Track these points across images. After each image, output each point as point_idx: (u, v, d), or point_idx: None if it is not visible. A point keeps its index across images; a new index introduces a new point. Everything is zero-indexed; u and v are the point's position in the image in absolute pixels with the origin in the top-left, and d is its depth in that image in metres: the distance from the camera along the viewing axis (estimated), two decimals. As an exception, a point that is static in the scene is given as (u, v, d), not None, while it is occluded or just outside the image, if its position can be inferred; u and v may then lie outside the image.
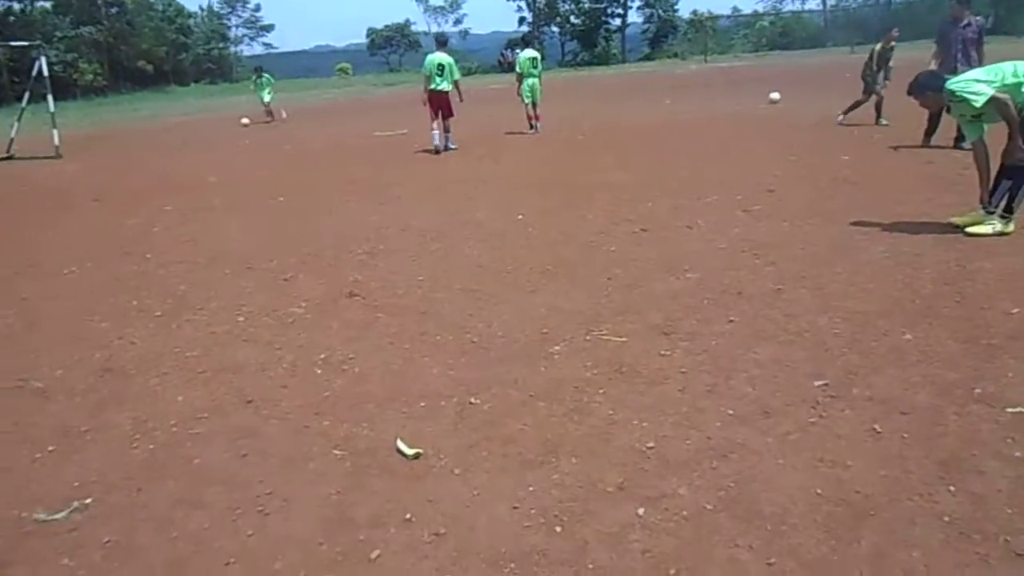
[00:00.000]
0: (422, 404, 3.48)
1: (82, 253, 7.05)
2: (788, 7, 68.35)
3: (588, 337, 4.15)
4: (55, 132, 16.64)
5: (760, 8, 68.96)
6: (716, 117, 15.93)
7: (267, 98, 23.70)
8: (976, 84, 5.37)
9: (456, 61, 13.25)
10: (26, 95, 17.70)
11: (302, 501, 2.80)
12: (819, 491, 2.60)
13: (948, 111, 5.97)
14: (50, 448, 3.34)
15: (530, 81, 14.61)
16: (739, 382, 3.47)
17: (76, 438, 3.42)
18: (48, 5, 48.72)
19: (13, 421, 3.63)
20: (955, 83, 5.51)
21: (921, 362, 3.55)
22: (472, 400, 3.48)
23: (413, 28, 67.97)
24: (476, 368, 3.86)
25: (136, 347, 4.52)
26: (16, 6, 46.09)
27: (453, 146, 12.75)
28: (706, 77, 33.14)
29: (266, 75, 24.19)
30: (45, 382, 4.08)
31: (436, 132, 12.61)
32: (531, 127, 14.81)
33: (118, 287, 5.85)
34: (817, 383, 3.40)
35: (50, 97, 16.84)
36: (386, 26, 67.72)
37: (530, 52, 14.93)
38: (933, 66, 8.96)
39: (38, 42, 19.49)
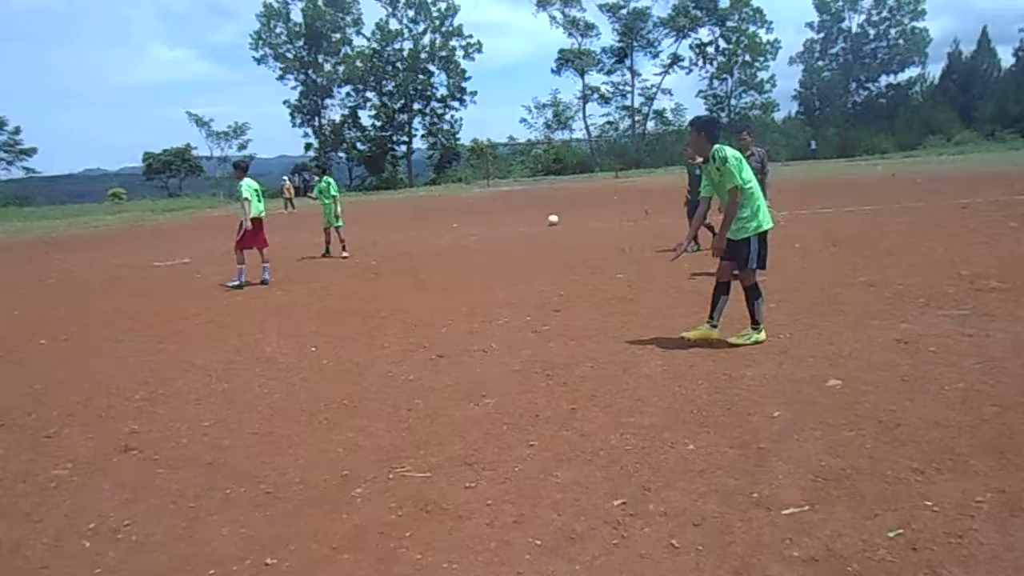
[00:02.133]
0: (211, 572, 3.17)
1: None
2: (558, 136, 74.37)
3: (391, 476, 4.04)
4: None
5: (533, 137, 74.34)
6: (501, 239, 16.74)
7: None
8: (740, 169, 6.03)
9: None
10: None
11: None
12: (628, 617, 2.65)
13: (699, 162, 6.50)
14: None
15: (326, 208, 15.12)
16: (543, 509, 3.51)
17: None
18: None
19: None
20: (731, 153, 6.08)
21: (705, 471, 3.81)
22: (269, 560, 3.22)
23: (195, 153, 65.93)
24: (272, 523, 3.60)
25: None
26: None
27: (269, 277, 11.81)
28: (489, 201, 34.93)
29: None
30: None
31: (243, 268, 11.60)
32: (327, 251, 15.13)
33: None
34: (616, 502, 3.52)
35: None
36: (164, 150, 65.10)
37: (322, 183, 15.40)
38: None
39: None
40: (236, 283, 11.53)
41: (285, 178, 40.80)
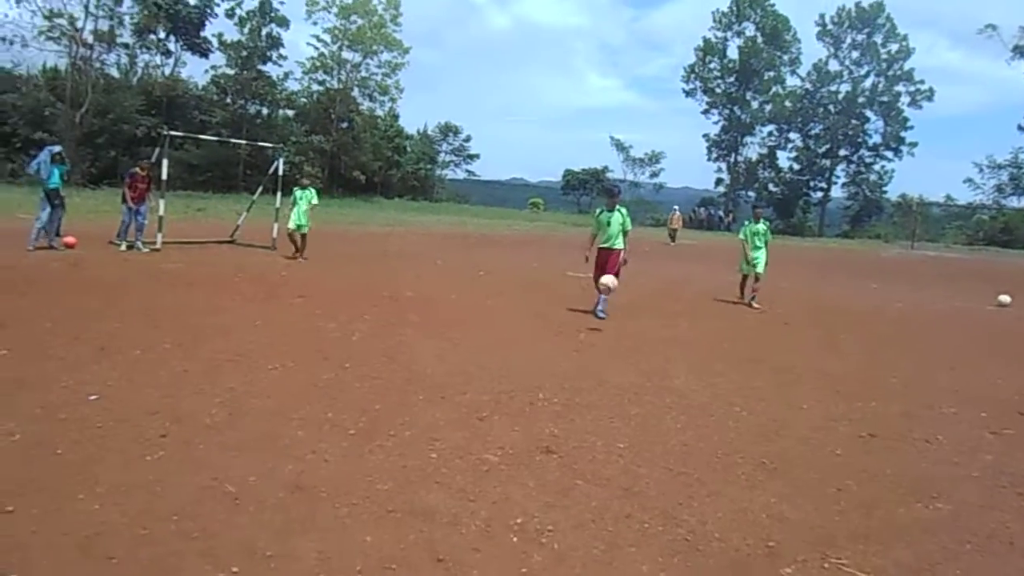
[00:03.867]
0: (632, 612, 3.01)
1: (285, 351, 7.25)
2: (1011, 202, 63.10)
3: (825, 564, 3.53)
4: (275, 226, 18.11)
5: (978, 200, 64.03)
6: (933, 312, 14.73)
7: (304, 221, 15.92)
8: None
9: (631, 214, 12.06)
10: (259, 189, 19.65)
11: None
12: None
13: None
14: (234, 570, 3.15)
15: (754, 254, 13.86)
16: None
17: (259, 563, 3.22)
18: (290, 113, 54.97)
19: (202, 527, 3.51)
20: None
21: None
22: (692, 622, 2.96)
23: (609, 175, 69.90)
24: (692, 575, 3.34)
25: (328, 466, 4.38)
26: (265, 111, 52.33)
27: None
28: (914, 265, 31.34)
29: (311, 189, 16.35)
30: (237, 487, 3.99)
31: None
32: (742, 295, 13.87)
33: (315, 394, 5.86)
34: None
35: (279, 194, 18.53)
36: (583, 169, 70.11)
37: (759, 226, 14.22)
38: None
39: (281, 146, 21.79)
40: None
41: (676, 208, 39.65)
